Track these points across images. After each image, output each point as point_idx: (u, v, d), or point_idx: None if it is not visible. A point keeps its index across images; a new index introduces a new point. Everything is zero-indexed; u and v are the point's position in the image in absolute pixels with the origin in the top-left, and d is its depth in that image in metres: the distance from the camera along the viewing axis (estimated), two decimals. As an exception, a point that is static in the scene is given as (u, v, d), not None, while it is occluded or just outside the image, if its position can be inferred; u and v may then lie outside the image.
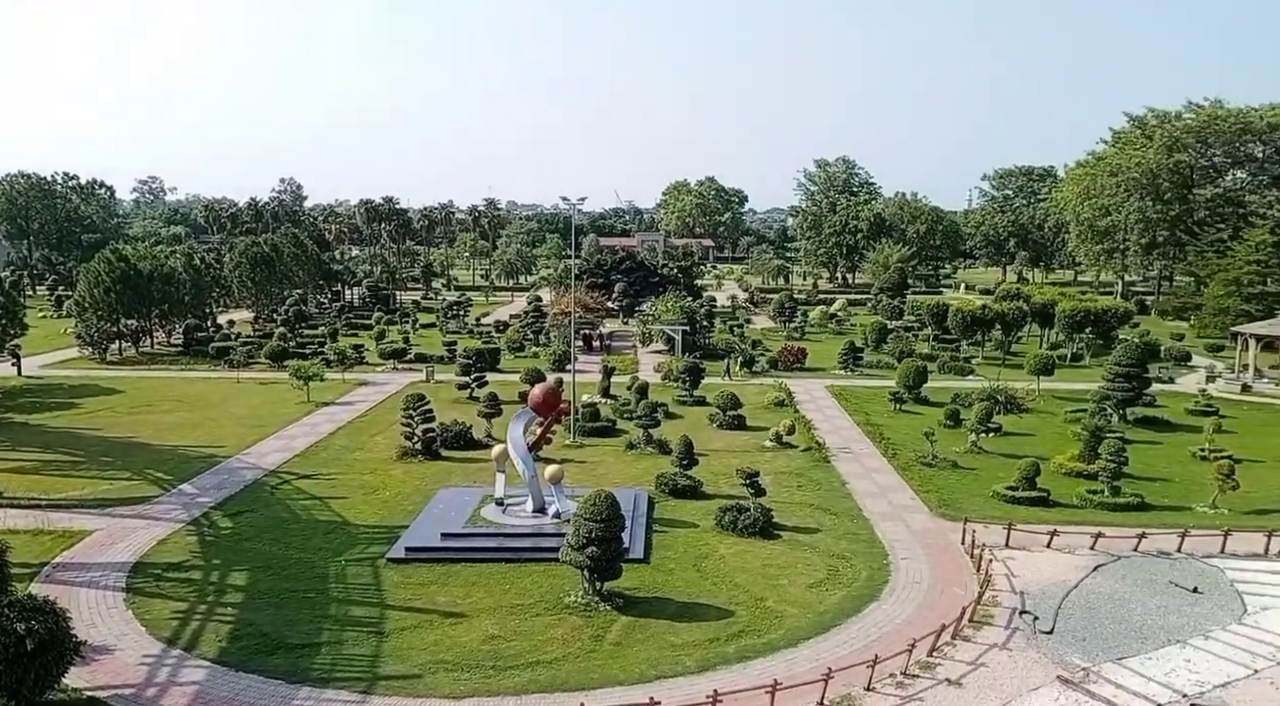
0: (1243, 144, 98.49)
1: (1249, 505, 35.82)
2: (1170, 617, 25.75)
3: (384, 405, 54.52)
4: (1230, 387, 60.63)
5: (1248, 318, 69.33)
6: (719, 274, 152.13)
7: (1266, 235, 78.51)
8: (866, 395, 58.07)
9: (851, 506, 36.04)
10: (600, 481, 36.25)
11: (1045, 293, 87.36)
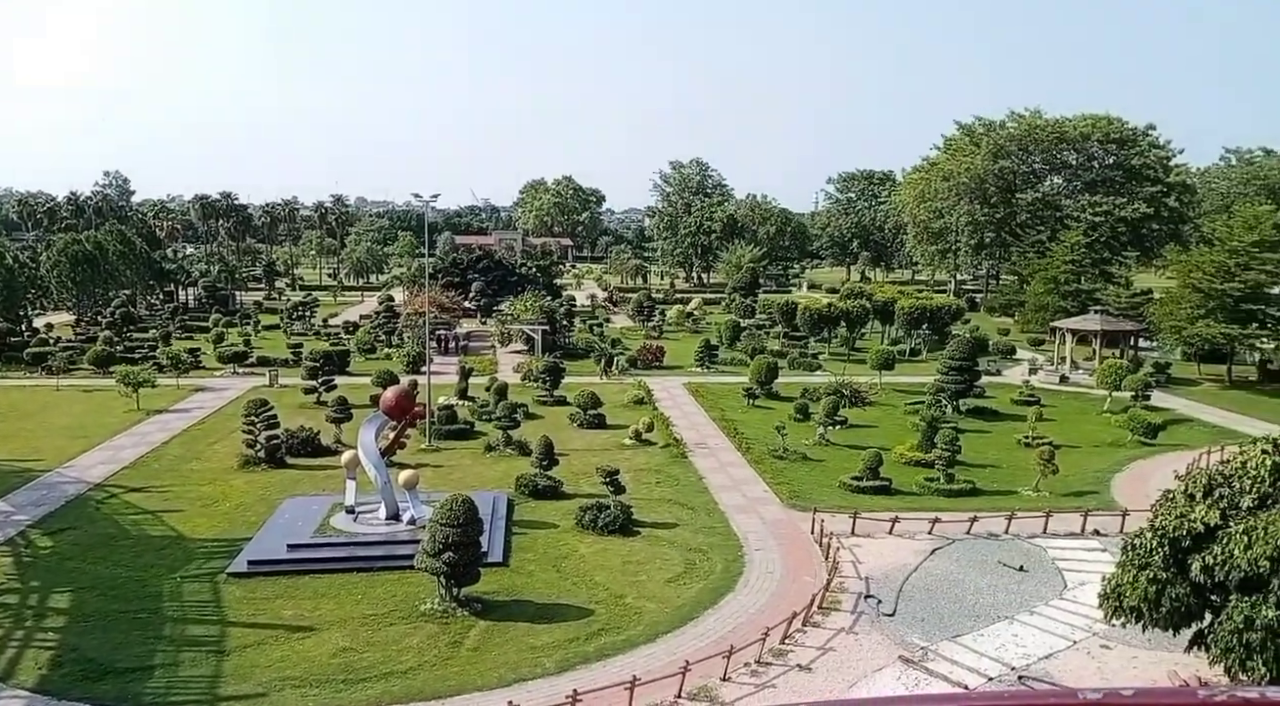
0: (1059, 152, 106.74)
1: (1067, 488, 38.80)
2: (999, 596, 27.59)
3: (223, 412, 51.64)
4: (1050, 379, 65.48)
5: (1064, 313, 75.10)
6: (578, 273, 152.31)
7: (1079, 237, 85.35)
8: (722, 391, 59.45)
9: (708, 500, 36.80)
10: (458, 485, 35.56)
11: (886, 291, 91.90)
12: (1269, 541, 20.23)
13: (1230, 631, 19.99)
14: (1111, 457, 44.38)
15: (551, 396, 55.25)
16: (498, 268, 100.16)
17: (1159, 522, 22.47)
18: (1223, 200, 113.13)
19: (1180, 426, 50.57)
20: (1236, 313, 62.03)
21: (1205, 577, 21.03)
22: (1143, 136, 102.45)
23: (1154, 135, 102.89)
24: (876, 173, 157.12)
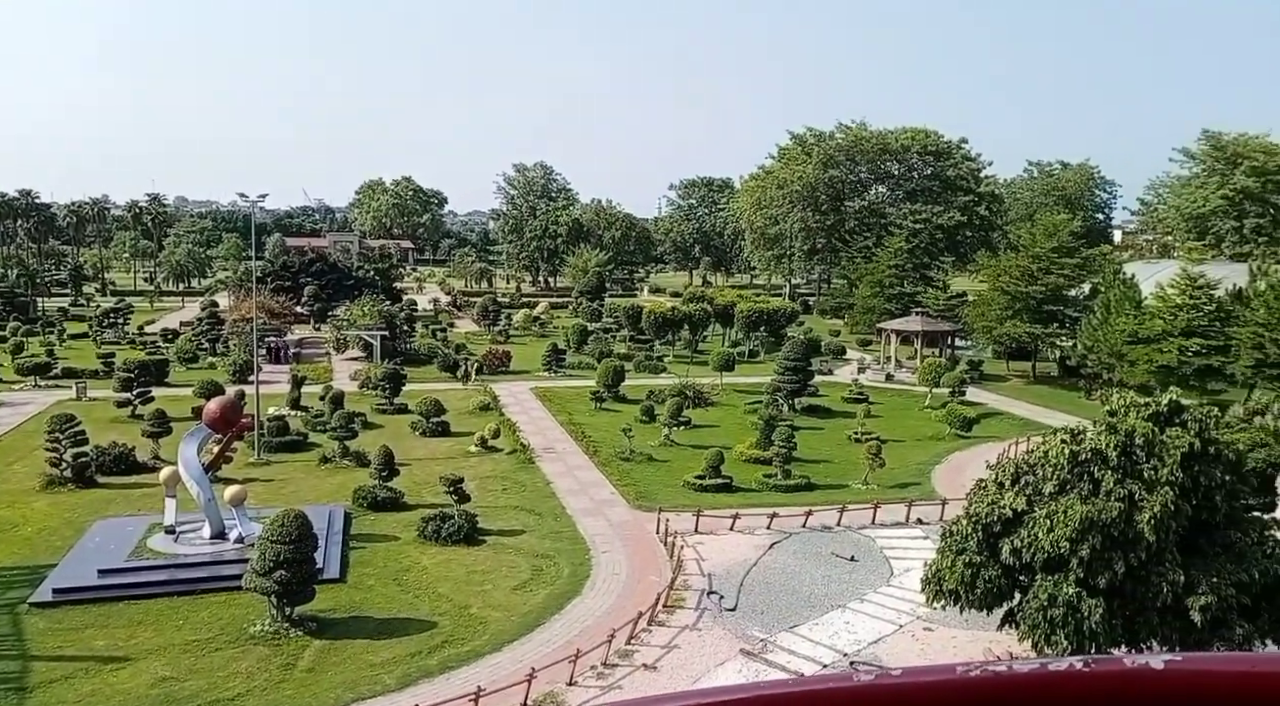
0: (882, 162, 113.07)
1: (893, 480, 41.09)
2: (833, 586, 28.88)
3: (23, 429, 47.18)
4: (877, 377, 69.16)
5: (889, 315, 79.49)
6: (420, 277, 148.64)
7: (902, 243, 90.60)
8: (569, 395, 59.45)
9: (555, 505, 36.69)
10: (290, 500, 33.89)
11: (726, 295, 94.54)
12: (1068, 524, 22.08)
13: (1036, 608, 21.69)
14: (932, 450, 47.32)
15: (392, 404, 53.61)
16: (332, 271, 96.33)
17: (973, 510, 24.10)
18: (1026, 209, 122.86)
19: (992, 419, 54.52)
20: (1039, 313, 67.48)
21: (1014, 559, 22.73)
22: (956, 149, 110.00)
23: (966, 148, 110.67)
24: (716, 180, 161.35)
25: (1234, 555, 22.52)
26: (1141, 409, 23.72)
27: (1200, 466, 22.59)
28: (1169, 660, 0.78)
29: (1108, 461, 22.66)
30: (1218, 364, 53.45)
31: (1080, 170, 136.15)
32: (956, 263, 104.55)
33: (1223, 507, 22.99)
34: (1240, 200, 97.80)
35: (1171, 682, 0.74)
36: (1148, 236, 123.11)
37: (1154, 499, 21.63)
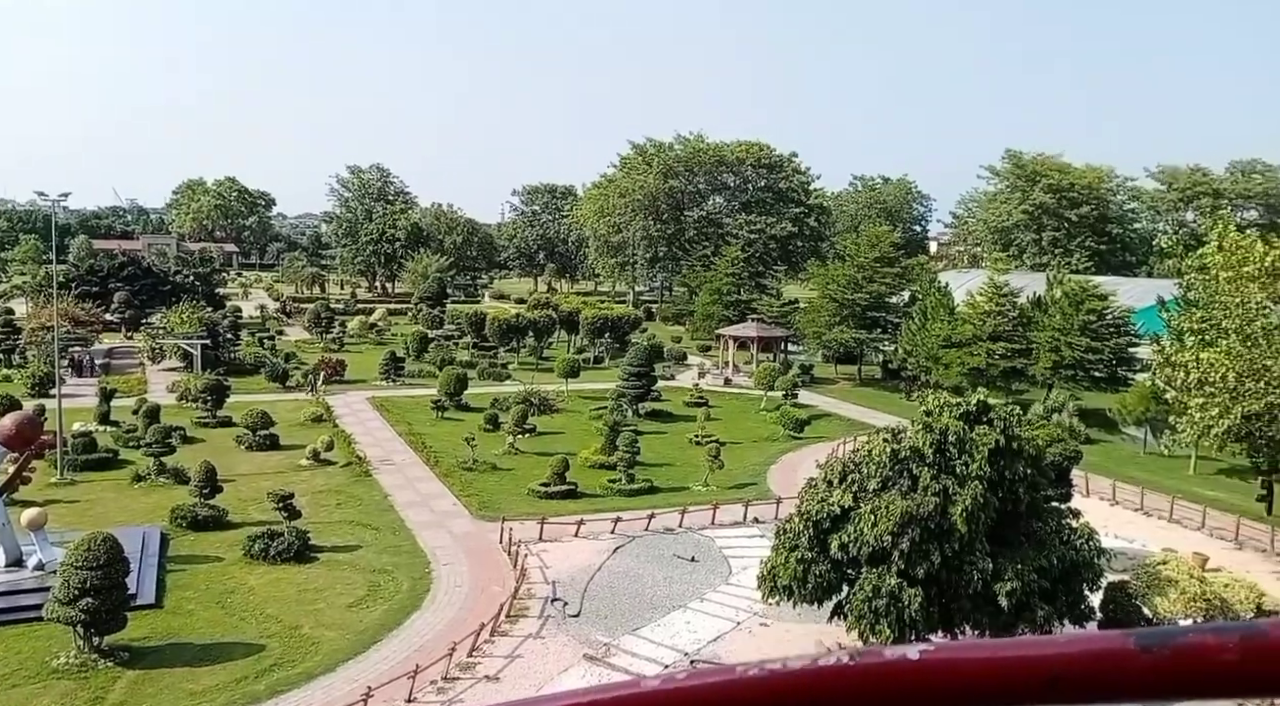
0: (719, 174, 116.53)
1: (732, 480, 42.32)
2: (675, 586, 29.45)
3: None
4: (716, 381, 71.10)
5: (727, 321, 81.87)
6: (245, 282, 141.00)
7: (738, 253, 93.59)
8: (409, 404, 57.89)
9: (394, 519, 35.62)
10: (99, 522, 31.32)
11: (571, 301, 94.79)
12: (890, 518, 23.42)
13: (862, 600, 22.89)
14: (768, 451, 49.09)
15: (215, 417, 50.55)
16: (147, 275, 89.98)
17: (804, 508, 25.20)
18: (852, 221, 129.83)
19: (822, 420, 57.12)
20: (864, 319, 71.31)
21: (842, 554, 23.90)
22: (788, 162, 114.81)
23: (797, 161, 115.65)
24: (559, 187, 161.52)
25: (1036, 543, 24.51)
26: (953, 409, 25.46)
27: (1005, 461, 24.47)
28: (924, 650, 0.82)
29: (924, 458, 24.20)
30: (1020, 366, 58.11)
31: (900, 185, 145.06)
32: (789, 271, 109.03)
33: (1025, 499, 24.98)
34: (1039, 214, 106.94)
35: (927, 671, 0.81)
36: (959, 247, 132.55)
37: (965, 492, 23.26)
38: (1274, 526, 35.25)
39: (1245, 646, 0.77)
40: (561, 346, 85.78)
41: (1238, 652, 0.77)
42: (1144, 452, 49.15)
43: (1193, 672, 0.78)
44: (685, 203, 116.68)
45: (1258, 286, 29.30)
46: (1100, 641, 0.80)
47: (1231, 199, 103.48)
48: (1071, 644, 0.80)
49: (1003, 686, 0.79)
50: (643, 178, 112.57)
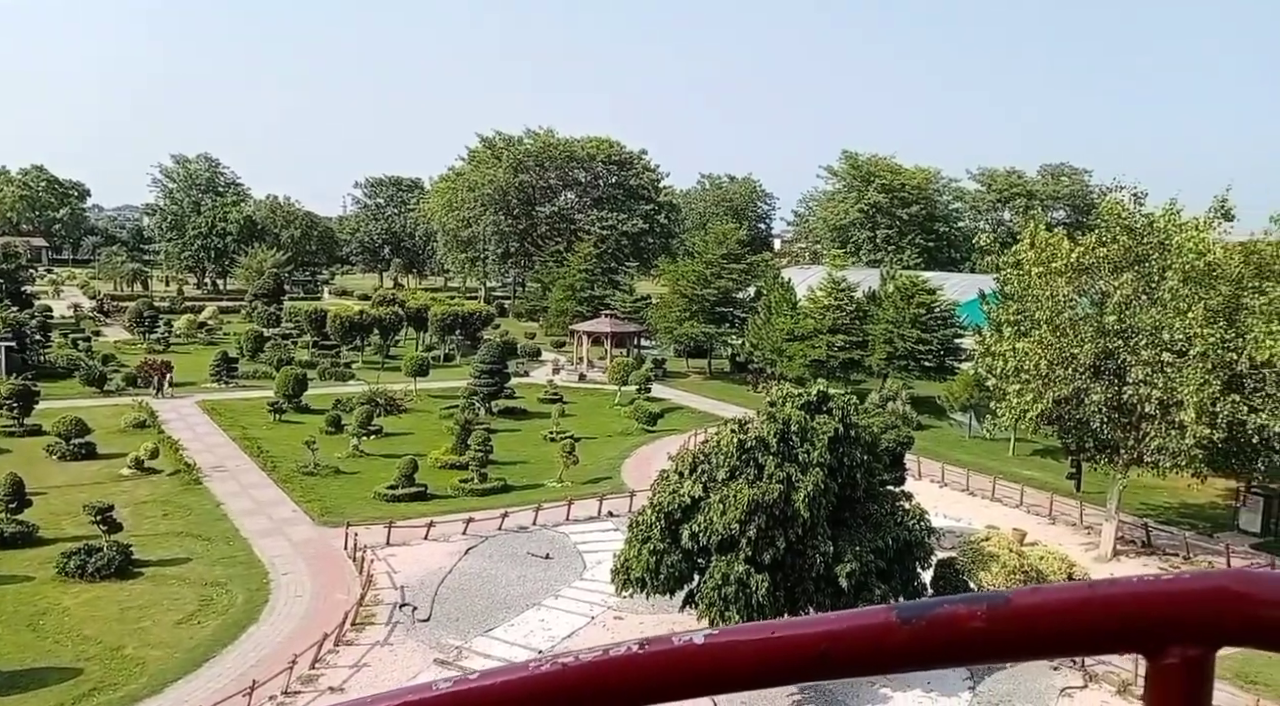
0: (570, 170, 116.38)
1: (587, 476, 42.34)
2: (529, 585, 29.17)
3: None
4: (571, 377, 71.02)
5: (581, 317, 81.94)
6: (57, 279, 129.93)
7: (591, 248, 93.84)
8: (243, 408, 54.87)
9: (228, 528, 33.65)
10: (-120, 545, 28.09)
11: (419, 298, 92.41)
12: (738, 506, 24.00)
13: (712, 588, 23.36)
14: (622, 445, 49.45)
15: (22, 425, 46.28)
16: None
17: (656, 499, 25.48)
18: (701, 218, 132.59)
19: (675, 413, 58.05)
20: (713, 314, 72.98)
21: (693, 543, 24.31)
22: (638, 160, 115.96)
23: (646, 159, 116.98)
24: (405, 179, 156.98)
25: (872, 525, 25.71)
26: (796, 399, 26.34)
27: (844, 448, 25.54)
28: (708, 634, 0.85)
29: (769, 447, 24.93)
30: (858, 357, 60.93)
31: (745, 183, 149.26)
32: (641, 267, 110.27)
33: (863, 483, 26.17)
34: (873, 213, 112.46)
35: (711, 655, 0.83)
36: (801, 244, 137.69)
37: (807, 479, 24.11)
38: (1082, 502, 38.44)
39: (991, 614, 0.82)
40: (409, 344, 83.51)
41: (985, 620, 0.82)
42: (969, 437, 52.54)
43: (947, 641, 0.83)
44: (537, 198, 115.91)
45: (1064, 280, 31.74)
46: (865, 617, 0.85)
47: (1043, 200, 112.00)
48: (840, 621, 0.84)
49: (780, 664, 0.83)
50: (492, 172, 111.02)
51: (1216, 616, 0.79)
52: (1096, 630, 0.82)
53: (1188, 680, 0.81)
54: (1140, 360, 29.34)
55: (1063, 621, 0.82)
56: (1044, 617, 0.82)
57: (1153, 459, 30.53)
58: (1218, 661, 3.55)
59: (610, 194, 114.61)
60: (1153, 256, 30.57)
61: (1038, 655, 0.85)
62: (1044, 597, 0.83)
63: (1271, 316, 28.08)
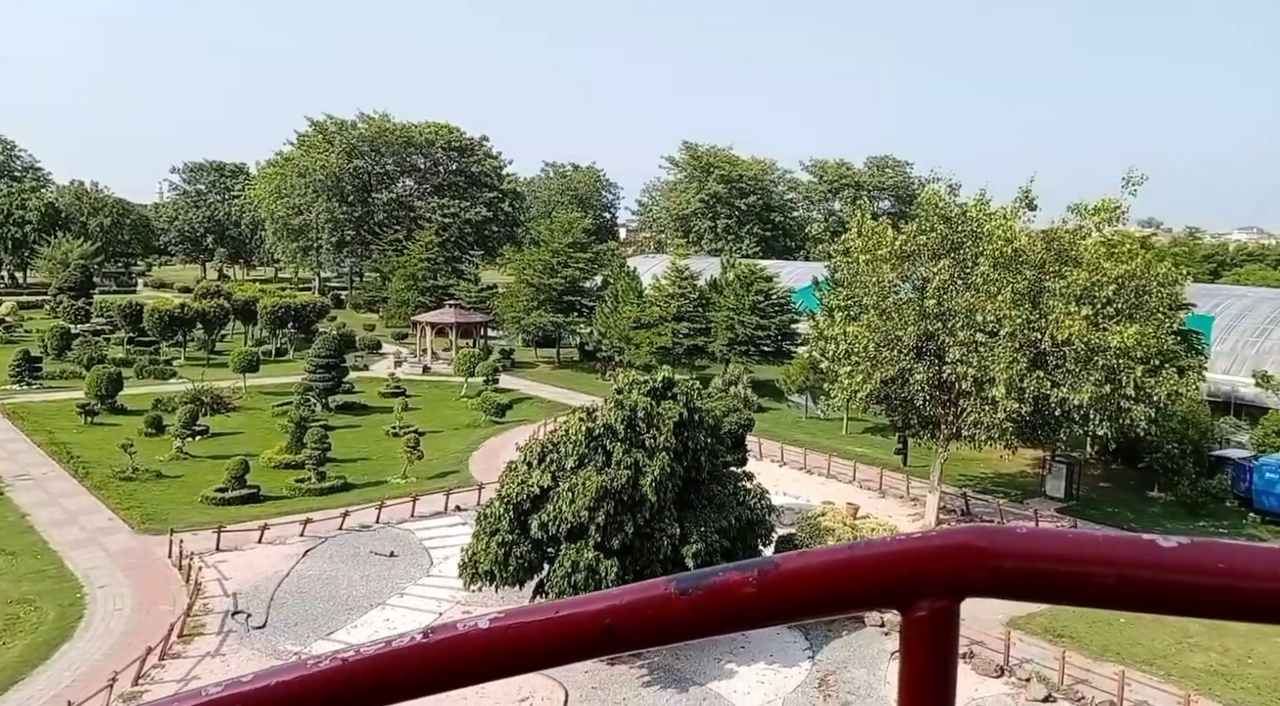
0: (408, 156, 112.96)
1: (432, 470, 41.40)
2: (373, 584, 28.28)
3: None
4: (414, 370, 69.20)
5: (424, 308, 79.88)
6: None
7: (432, 237, 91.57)
8: (49, 411, 50.42)
9: (34, 541, 30.88)
10: None
11: (247, 289, 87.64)
12: (586, 494, 24.12)
13: (562, 576, 23.38)
14: (469, 438, 48.66)
15: None
16: None
17: (505, 491, 25.25)
18: (546, 207, 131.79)
19: (524, 404, 57.64)
20: (560, 303, 72.82)
21: (543, 533, 24.26)
22: (479, 146, 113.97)
23: (488, 146, 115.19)
24: (228, 165, 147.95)
25: (716, 506, 26.44)
26: (642, 386, 26.71)
27: (689, 432, 26.12)
28: (493, 617, 0.85)
29: (617, 434, 25.17)
30: (702, 343, 62.36)
31: (589, 172, 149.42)
32: (486, 256, 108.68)
33: (707, 466, 26.86)
34: (713, 203, 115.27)
35: (496, 638, 0.84)
36: (646, 234, 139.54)
37: (654, 464, 24.51)
38: (909, 475, 40.90)
39: (761, 579, 0.84)
40: (237, 338, 79.15)
41: (757, 586, 0.84)
42: (806, 417, 54.84)
43: (723, 608, 0.84)
44: (373, 184, 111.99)
45: (889, 267, 33.55)
46: (646, 589, 0.86)
47: (869, 190, 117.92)
48: (622, 595, 0.85)
49: (567, 642, 0.84)
50: (324, 157, 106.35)
51: (959, 570, 0.83)
52: (857, 589, 0.84)
53: (936, 629, 0.84)
54: (957, 341, 31.40)
55: (826, 583, 0.85)
56: (809, 580, 0.85)
57: (970, 433, 32.79)
58: (1029, 619, 3.89)
59: (451, 181, 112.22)
60: (966, 244, 32.75)
61: (806, 615, 0.87)
62: (808, 561, 0.86)
63: (1070, 298, 30.67)
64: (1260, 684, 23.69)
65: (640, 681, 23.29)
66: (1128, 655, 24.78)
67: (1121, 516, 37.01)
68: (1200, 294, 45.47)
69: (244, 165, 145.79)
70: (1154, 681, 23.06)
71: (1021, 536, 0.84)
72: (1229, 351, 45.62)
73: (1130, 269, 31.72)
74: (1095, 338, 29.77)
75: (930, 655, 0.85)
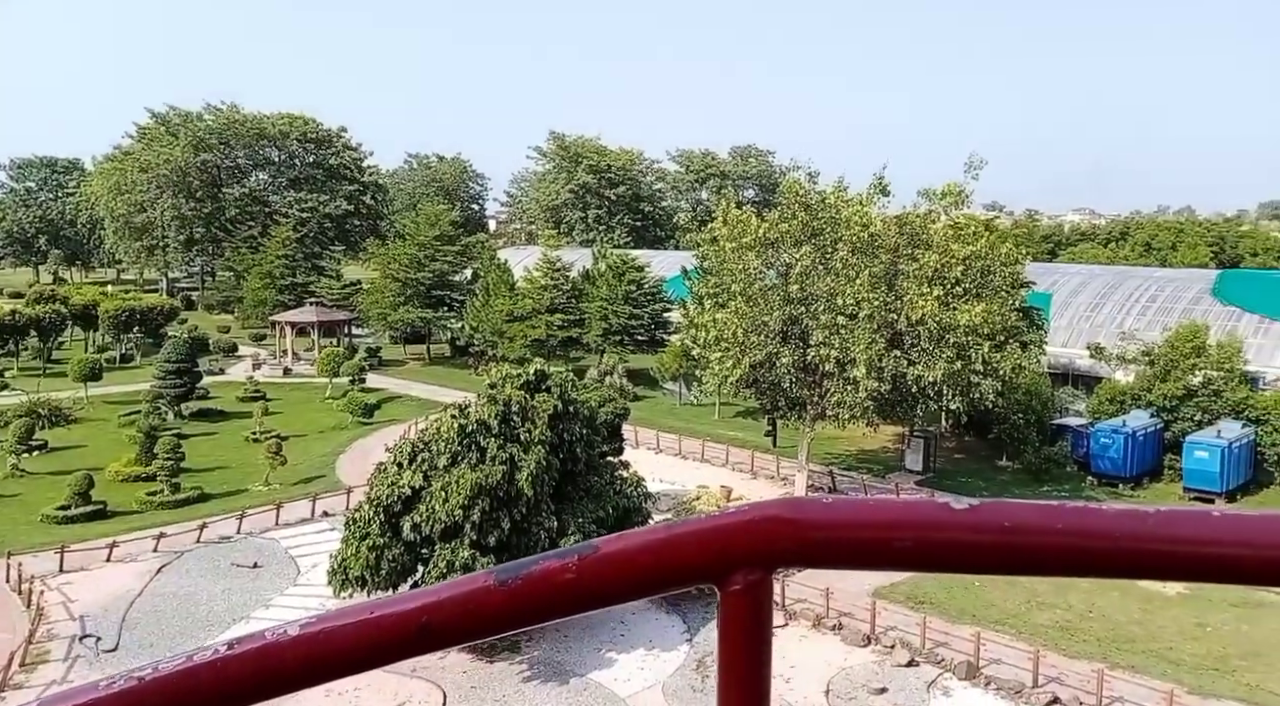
0: (261, 148, 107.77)
1: (297, 476, 39.80)
2: (235, 598, 26.96)
3: None
4: (275, 372, 66.35)
5: (283, 307, 76.56)
6: None
7: (290, 232, 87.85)
8: None
9: None
10: None
11: (86, 293, 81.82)
12: (460, 492, 23.66)
13: (436, 577, 22.85)
14: (336, 440, 47.05)
15: None
16: None
17: (374, 493, 24.50)
18: (410, 199, 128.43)
19: (393, 403, 56.12)
20: (429, 298, 71.20)
21: (415, 535, 23.67)
22: (337, 138, 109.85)
23: (347, 137, 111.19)
24: (60, 160, 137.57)
25: (593, 496, 26.47)
26: (515, 380, 26.42)
27: (564, 424, 26.02)
28: (305, 624, 0.84)
29: (491, 430, 24.83)
30: (576, 334, 62.25)
31: (454, 163, 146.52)
32: (348, 251, 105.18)
33: (583, 457, 26.83)
34: (583, 193, 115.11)
35: (306, 646, 0.82)
36: (516, 225, 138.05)
37: (529, 458, 24.30)
38: (778, 456, 42.06)
39: (581, 564, 0.85)
40: (77, 345, 73.98)
41: (576, 571, 0.85)
42: (680, 404, 55.61)
43: (543, 596, 0.85)
44: (223, 179, 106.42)
45: (754, 254, 34.30)
46: (465, 584, 0.85)
47: (734, 180, 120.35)
48: (439, 591, 0.85)
49: (382, 644, 0.83)
50: (168, 151, 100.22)
51: (770, 543, 0.85)
52: (675, 567, 0.85)
53: (750, 601, 0.86)
54: (820, 324, 32.43)
55: (645, 563, 0.85)
56: (629, 562, 0.85)
57: (834, 412, 33.96)
58: (893, 588, 3.97)
59: (309, 174, 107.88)
60: (826, 230, 33.83)
61: (629, 597, 0.88)
62: (627, 543, 0.86)
63: (922, 280, 32.13)
64: (1100, 636, 25.55)
65: (520, 676, 23.10)
66: (982, 616, 26.26)
67: (974, 485, 39.18)
68: (1039, 272, 48.54)
69: (79, 160, 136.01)
70: (1006, 640, 24.51)
71: (826, 506, 0.86)
72: (1066, 326, 48.87)
73: (975, 250, 33.49)
74: (946, 317, 31.30)
75: (746, 626, 0.87)
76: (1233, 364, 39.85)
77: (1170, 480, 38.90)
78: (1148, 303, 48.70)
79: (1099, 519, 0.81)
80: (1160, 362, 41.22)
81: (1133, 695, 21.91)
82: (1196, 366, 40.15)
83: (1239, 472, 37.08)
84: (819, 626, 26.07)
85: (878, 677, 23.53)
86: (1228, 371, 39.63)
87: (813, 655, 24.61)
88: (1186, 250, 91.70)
